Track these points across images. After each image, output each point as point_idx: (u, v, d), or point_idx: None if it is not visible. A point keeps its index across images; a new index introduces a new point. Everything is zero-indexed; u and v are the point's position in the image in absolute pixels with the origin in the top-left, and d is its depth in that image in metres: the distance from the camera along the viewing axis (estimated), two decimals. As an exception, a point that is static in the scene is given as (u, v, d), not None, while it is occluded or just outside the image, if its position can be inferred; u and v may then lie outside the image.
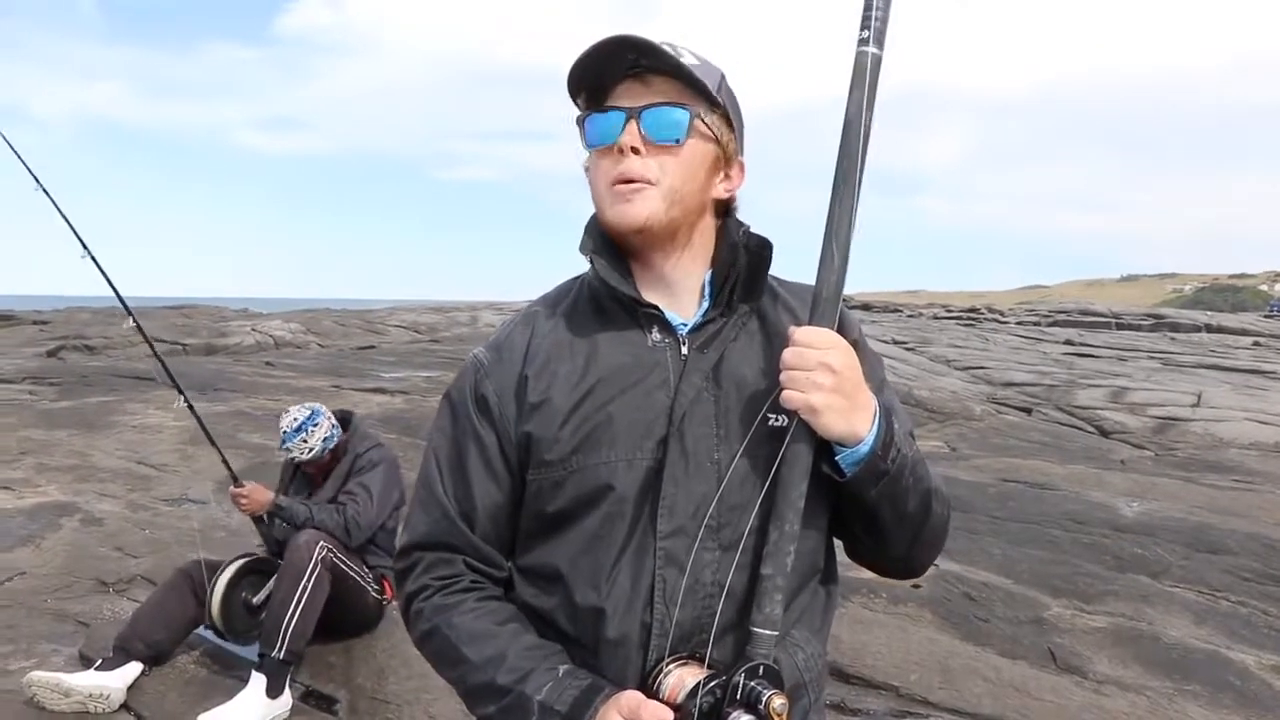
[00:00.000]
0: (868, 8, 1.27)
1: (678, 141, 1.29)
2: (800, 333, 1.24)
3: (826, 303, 1.26)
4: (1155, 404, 12.59)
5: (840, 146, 1.26)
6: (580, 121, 1.34)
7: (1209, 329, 28.16)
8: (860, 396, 1.23)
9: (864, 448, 1.23)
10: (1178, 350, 20.91)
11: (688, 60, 1.29)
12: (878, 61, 1.27)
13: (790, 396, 1.21)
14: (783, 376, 1.22)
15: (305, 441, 4.06)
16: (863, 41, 1.27)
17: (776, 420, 1.29)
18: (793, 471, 1.22)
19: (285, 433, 4.07)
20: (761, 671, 1.16)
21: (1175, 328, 28.76)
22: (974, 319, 32.36)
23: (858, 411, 1.22)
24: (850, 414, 1.21)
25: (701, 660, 1.22)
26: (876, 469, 1.24)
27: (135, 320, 4.12)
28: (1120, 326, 29.23)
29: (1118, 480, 7.92)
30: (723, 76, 1.34)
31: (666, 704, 1.16)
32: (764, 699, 1.12)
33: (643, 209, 1.29)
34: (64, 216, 3.93)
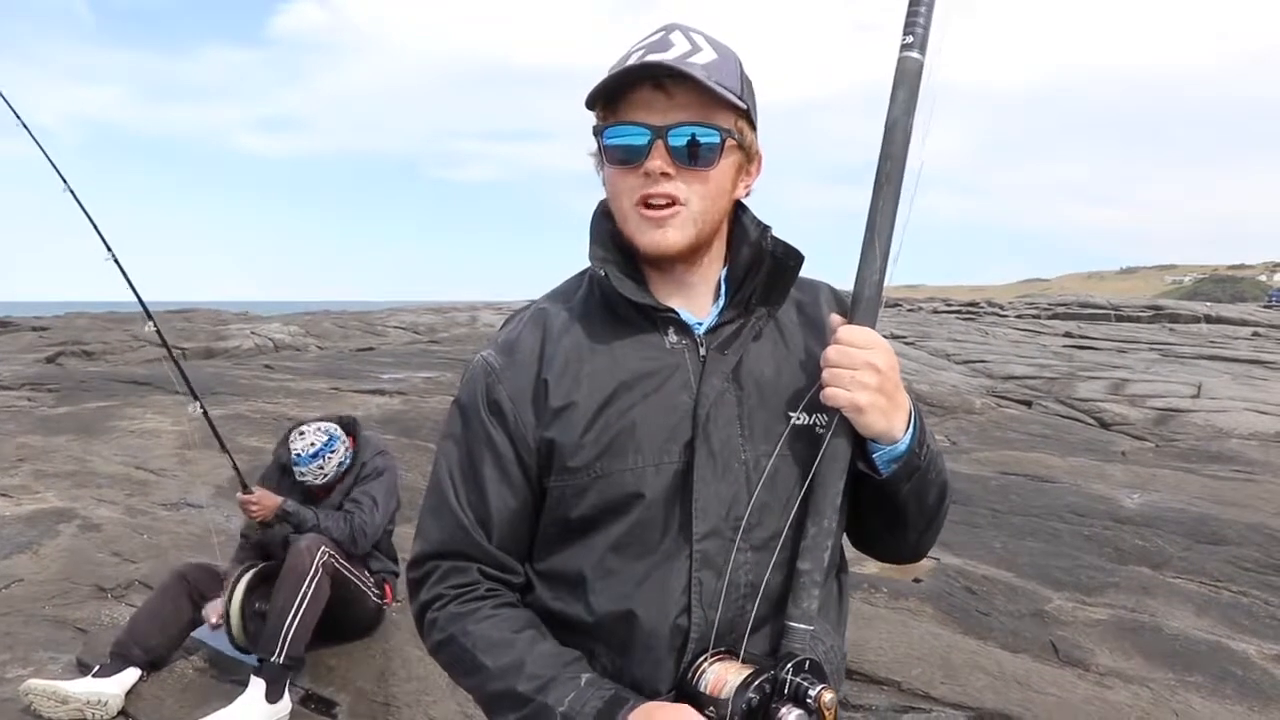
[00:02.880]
0: (911, 14, 1.27)
1: (709, 165, 1.27)
2: (844, 332, 1.24)
3: (868, 301, 1.27)
4: (1155, 395, 12.56)
5: (882, 148, 1.27)
6: (599, 133, 1.30)
7: (1208, 320, 28.14)
8: (899, 396, 1.24)
9: (901, 446, 1.25)
10: (1177, 341, 20.89)
11: (706, 56, 1.25)
12: (920, 67, 1.27)
13: (834, 394, 1.22)
14: (826, 374, 1.23)
15: (322, 468, 4.01)
16: (906, 46, 1.27)
17: (800, 419, 1.30)
18: (832, 469, 1.24)
19: (300, 456, 3.97)
20: (807, 666, 1.17)
21: (1175, 319, 28.72)
22: (974, 313, 32.33)
23: (897, 411, 1.24)
24: (890, 413, 1.23)
25: (737, 655, 1.23)
26: (912, 465, 1.27)
27: (155, 324, 4.08)
28: (1120, 318, 29.19)
29: (1118, 472, 7.90)
30: (741, 65, 1.30)
31: (709, 698, 1.16)
32: (813, 693, 1.13)
33: (676, 236, 1.28)
34: (89, 218, 3.90)
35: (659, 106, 1.25)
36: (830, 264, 1.30)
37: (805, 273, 1.43)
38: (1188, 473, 7.99)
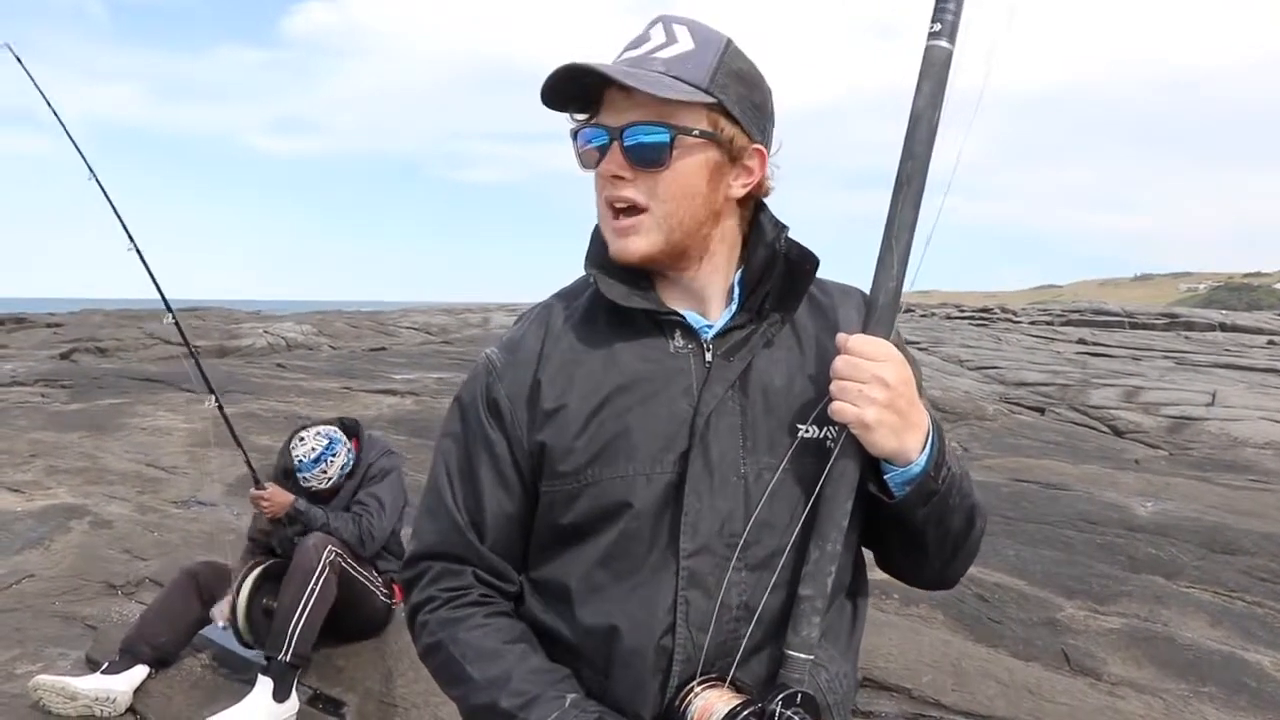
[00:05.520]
0: (940, 0, 1.20)
1: (660, 165, 1.20)
2: (854, 341, 1.17)
3: (883, 310, 1.19)
4: (1169, 403, 12.48)
5: (905, 145, 1.19)
6: (573, 135, 1.27)
7: (1223, 328, 27.94)
8: (914, 414, 1.17)
9: (915, 468, 1.17)
10: (1192, 349, 20.75)
11: (677, 49, 1.19)
12: (949, 56, 1.19)
13: (841, 409, 1.15)
14: (833, 387, 1.16)
15: (325, 472, 4.00)
16: (934, 35, 1.19)
17: (808, 432, 1.23)
18: (838, 489, 1.17)
19: (302, 462, 3.96)
20: (799, 700, 1.12)
21: (1189, 327, 28.55)
22: (987, 319, 32.19)
23: (911, 430, 1.16)
24: (903, 432, 1.15)
25: (730, 681, 1.17)
26: (927, 489, 1.18)
27: (174, 317, 4.07)
28: (1134, 326, 29.02)
29: (1132, 480, 7.84)
30: (721, 54, 1.21)
31: None
32: None
33: (638, 244, 1.23)
34: (113, 207, 3.89)
35: (620, 107, 1.20)
36: (858, 271, 1.23)
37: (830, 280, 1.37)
38: (1202, 481, 7.93)
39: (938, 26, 1.19)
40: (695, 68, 1.19)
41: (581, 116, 1.27)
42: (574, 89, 1.22)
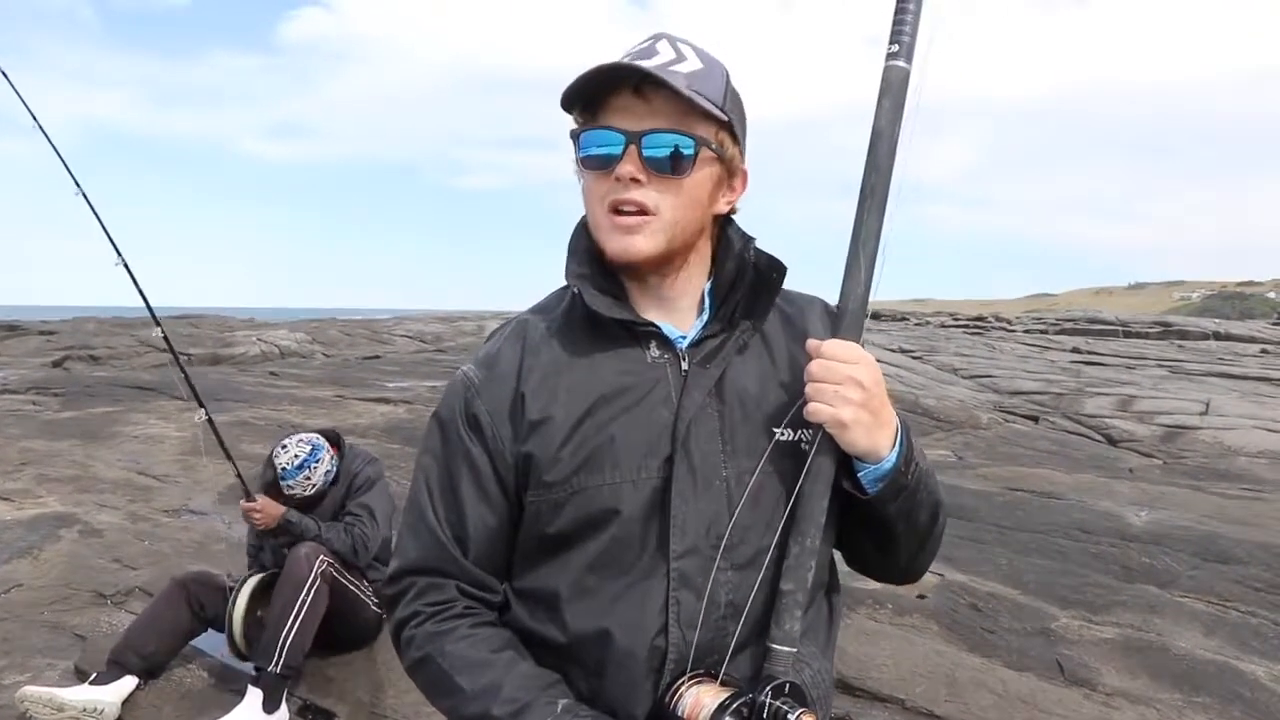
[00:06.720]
0: (897, 21, 1.25)
1: (682, 173, 1.24)
2: (828, 345, 1.21)
3: (853, 315, 1.25)
4: (1163, 412, 12.51)
5: (867, 159, 1.25)
6: (575, 136, 1.28)
7: (1217, 337, 28.08)
8: (884, 413, 1.22)
9: (887, 464, 1.22)
10: (1186, 358, 20.83)
11: (690, 66, 1.23)
12: (906, 75, 1.25)
13: (817, 410, 1.20)
14: (809, 389, 1.21)
15: (308, 479, 3.99)
16: (892, 55, 1.25)
17: (784, 435, 1.28)
18: (816, 486, 1.22)
19: (285, 469, 3.96)
20: (787, 690, 1.15)
21: (1183, 335, 28.66)
22: (981, 327, 32.31)
23: (882, 428, 1.21)
24: (875, 431, 1.20)
25: (717, 678, 1.20)
26: (898, 484, 1.24)
27: (162, 330, 4.06)
28: (1128, 334, 29.13)
29: (1126, 489, 7.85)
30: (727, 78, 1.28)
31: None
32: (793, 718, 1.11)
33: (644, 244, 1.25)
34: (101, 224, 3.89)
35: (636, 112, 1.23)
36: (836, 279, 1.29)
37: (811, 287, 1.42)
38: (1196, 490, 7.93)
39: (895, 47, 1.25)
40: (714, 87, 1.25)
41: (580, 120, 1.29)
42: (590, 91, 1.25)
